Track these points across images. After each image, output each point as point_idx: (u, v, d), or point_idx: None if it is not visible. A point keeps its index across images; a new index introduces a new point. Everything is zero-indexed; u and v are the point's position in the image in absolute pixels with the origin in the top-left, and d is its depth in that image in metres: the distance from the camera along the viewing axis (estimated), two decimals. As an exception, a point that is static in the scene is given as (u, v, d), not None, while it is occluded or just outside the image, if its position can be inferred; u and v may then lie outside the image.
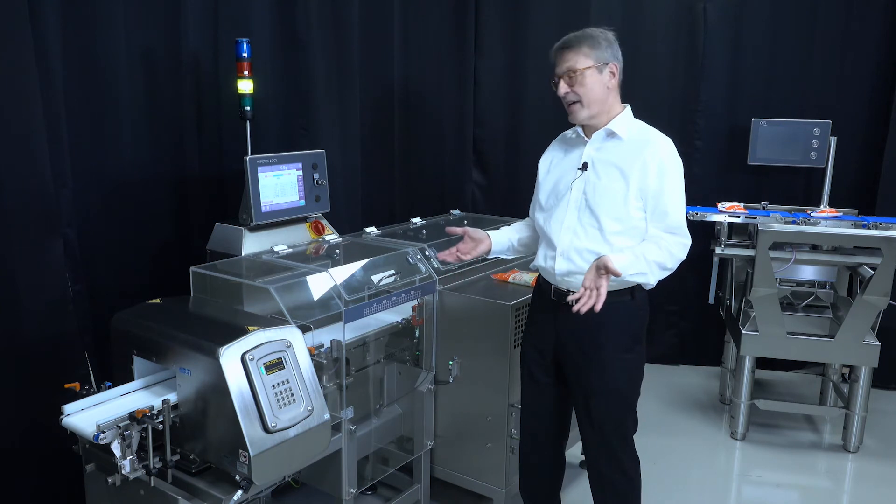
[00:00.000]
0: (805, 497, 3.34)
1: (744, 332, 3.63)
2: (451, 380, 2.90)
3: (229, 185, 3.22)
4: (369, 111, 4.01)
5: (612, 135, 2.30)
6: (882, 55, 4.26)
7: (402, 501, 2.95)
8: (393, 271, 2.78)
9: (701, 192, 4.13)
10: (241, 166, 2.83)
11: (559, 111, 2.36)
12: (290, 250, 2.86)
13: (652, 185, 2.21)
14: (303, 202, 3.01)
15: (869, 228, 3.49)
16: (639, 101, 2.49)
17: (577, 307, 2.05)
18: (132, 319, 2.33)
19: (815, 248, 3.68)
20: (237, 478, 2.01)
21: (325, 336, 2.44)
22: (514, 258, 2.78)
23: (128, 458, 1.97)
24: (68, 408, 2.10)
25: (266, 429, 2.00)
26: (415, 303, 2.81)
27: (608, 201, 2.25)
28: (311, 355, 2.24)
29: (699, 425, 3.98)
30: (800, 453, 3.69)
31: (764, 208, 3.99)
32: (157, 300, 2.48)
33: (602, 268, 2.06)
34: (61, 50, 2.64)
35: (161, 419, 2.02)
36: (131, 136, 2.93)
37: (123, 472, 1.97)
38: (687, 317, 4.72)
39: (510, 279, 3.08)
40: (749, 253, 3.62)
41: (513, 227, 2.62)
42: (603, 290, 2.05)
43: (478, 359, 2.88)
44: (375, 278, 2.71)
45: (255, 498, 2.58)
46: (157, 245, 3.06)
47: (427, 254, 2.92)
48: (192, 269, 2.59)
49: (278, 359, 2.09)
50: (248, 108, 2.92)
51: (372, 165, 4.06)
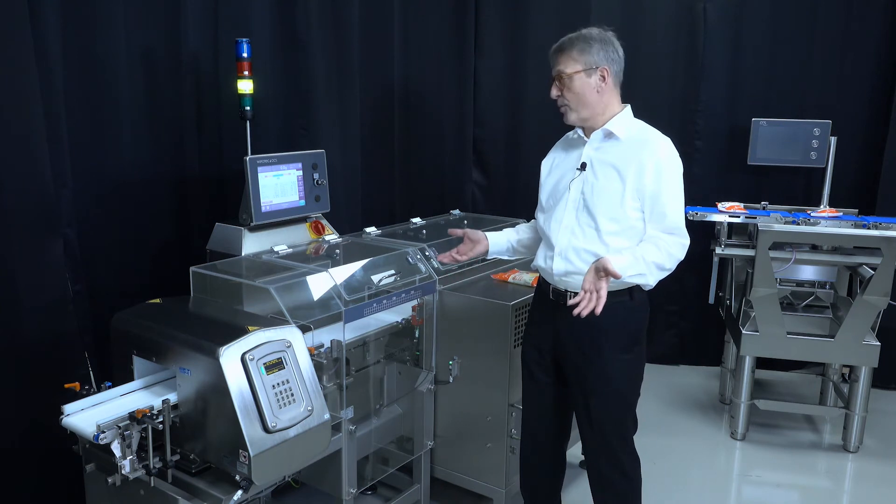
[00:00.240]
0: (805, 497, 3.34)
1: (744, 332, 3.63)
2: (451, 380, 2.90)
3: (229, 185, 3.22)
4: (369, 111, 4.01)
5: (609, 135, 2.30)
6: (882, 55, 4.26)
7: (402, 501, 2.95)
8: (393, 271, 2.78)
9: (701, 192, 4.13)
10: (241, 166, 2.83)
11: (559, 111, 2.36)
12: (290, 250, 2.86)
13: (649, 185, 2.21)
14: (303, 202, 3.01)
15: (869, 228, 3.49)
16: (639, 101, 2.48)
17: (578, 310, 2.04)
18: (132, 319, 2.33)
19: (815, 248, 3.68)
20: (237, 478, 2.01)
21: (325, 336, 2.44)
22: (514, 258, 2.78)
23: (128, 458, 1.97)
24: (68, 408, 2.10)
25: (266, 429, 2.00)
26: (415, 303, 2.81)
27: (605, 201, 2.24)
28: (311, 355, 2.24)
29: (699, 425, 3.98)
30: (800, 453, 3.69)
31: (764, 208, 3.99)
32: (157, 300, 2.48)
33: (601, 269, 2.05)
34: (61, 50, 2.63)
35: (161, 419, 2.02)
36: (131, 136, 2.92)
37: (123, 472, 1.97)
38: (687, 317, 4.72)
39: (510, 279, 3.08)
40: (749, 253, 3.62)
41: (515, 228, 2.63)
42: (603, 292, 2.04)
43: (478, 359, 2.88)
44: (375, 278, 2.71)
45: (255, 498, 2.58)
46: (157, 245, 3.06)
47: (427, 254, 2.92)
48: (192, 269, 2.59)
49: (278, 359, 2.09)
50: (248, 108, 2.92)
51: (372, 165, 4.06)
